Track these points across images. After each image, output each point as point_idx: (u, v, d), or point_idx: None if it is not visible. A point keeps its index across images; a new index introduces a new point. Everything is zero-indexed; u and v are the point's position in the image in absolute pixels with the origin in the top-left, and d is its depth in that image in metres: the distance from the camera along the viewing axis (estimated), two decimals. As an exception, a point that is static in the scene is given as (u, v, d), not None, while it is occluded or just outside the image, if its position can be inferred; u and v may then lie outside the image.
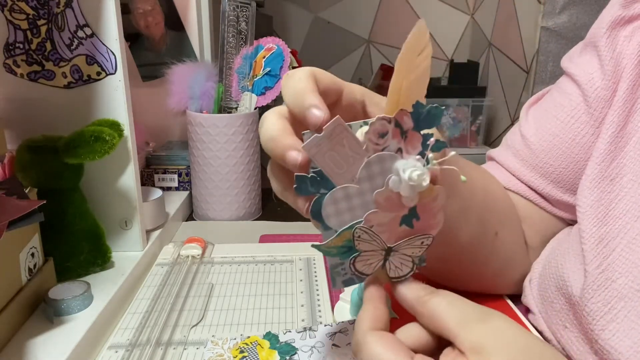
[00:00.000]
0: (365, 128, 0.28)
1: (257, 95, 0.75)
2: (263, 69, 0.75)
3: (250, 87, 0.76)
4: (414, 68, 0.30)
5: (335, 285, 0.33)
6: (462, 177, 0.31)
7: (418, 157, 0.29)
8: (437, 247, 0.47)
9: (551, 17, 1.15)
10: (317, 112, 0.29)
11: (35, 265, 0.46)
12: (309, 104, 0.29)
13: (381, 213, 0.29)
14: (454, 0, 1.59)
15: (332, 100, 0.33)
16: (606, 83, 0.45)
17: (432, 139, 0.28)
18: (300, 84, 0.30)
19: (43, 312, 0.45)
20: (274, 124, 0.31)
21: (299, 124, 0.31)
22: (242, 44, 0.77)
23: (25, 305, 0.44)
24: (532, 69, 1.21)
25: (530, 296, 0.50)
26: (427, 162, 0.28)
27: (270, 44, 0.77)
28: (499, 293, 0.52)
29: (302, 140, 0.29)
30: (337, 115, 0.28)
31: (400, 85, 0.30)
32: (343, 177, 0.28)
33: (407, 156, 0.28)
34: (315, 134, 0.28)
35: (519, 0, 1.30)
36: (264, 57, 0.76)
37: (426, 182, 0.28)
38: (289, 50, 0.76)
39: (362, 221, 0.29)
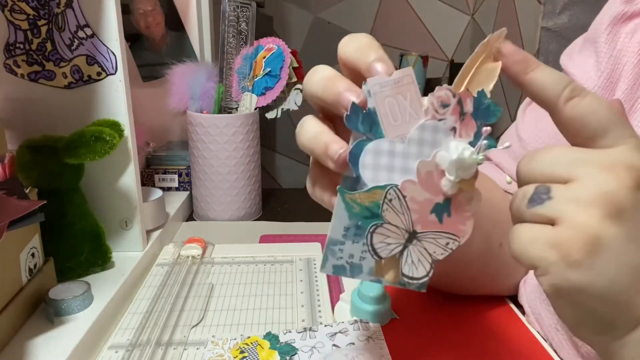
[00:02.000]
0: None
1: (257, 95, 0.75)
2: (263, 70, 0.75)
3: (250, 88, 0.76)
4: (490, 60, 0.30)
5: (324, 266, 0.29)
6: (508, 178, 0.30)
7: (468, 145, 0.27)
8: (443, 265, 0.47)
9: (551, 18, 1.15)
10: (384, 65, 0.27)
11: (35, 266, 0.46)
12: (374, 57, 0.27)
13: (417, 187, 0.27)
14: (454, 0, 1.59)
15: None
16: (604, 82, 0.44)
17: (486, 129, 0.27)
18: (366, 40, 0.29)
19: (43, 312, 0.45)
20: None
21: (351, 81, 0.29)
22: (242, 44, 0.77)
23: (25, 305, 0.44)
24: (532, 69, 1.21)
25: (524, 297, 0.50)
26: (477, 153, 0.27)
27: (271, 44, 0.77)
28: (501, 295, 0.52)
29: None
30: (409, 66, 0.27)
31: (473, 67, 0.29)
32: (395, 130, 0.27)
33: (460, 139, 0.28)
34: (382, 74, 0.27)
35: (519, 0, 1.30)
36: (264, 58, 0.76)
37: (473, 168, 0.27)
38: (289, 50, 0.76)
39: (398, 186, 0.27)
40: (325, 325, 0.46)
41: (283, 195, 0.89)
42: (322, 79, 0.28)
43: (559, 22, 1.14)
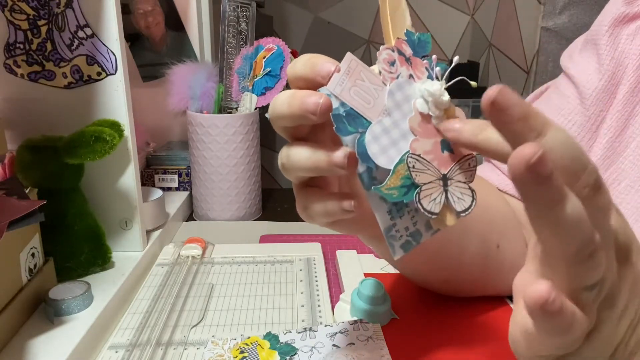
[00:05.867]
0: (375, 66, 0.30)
1: (257, 95, 0.75)
2: (263, 69, 0.76)
3: (250, 88, 0.76)
4: (392, 3, 0.32)
5: (395, 252, 0.31)
6: (473, 83, 0.31)
7: (428, 79, 0.30)
8: (441, 272, 0.47)
9: (551, 17, 1.14)
10: (332, 65, 0.28)
11: (35, 266, 0.46)
12: (322, 62, 0.28)
13: (421, 140, 0.29)
14: (454, 0, 1.59)
15: None
16: (604, 84, 0.43)
17: (434, 57, 0.30)
18: (308, 55, 0.30)
19: (43, 312, 0.45)
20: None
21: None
22: (242, 44, 0.77)
23: (25, 305, 0.44)
24: (532, 69, 1.21)
25: None
26: (438, 79, 0.30)
27: (271, 44, 0.77)
28: (501, 295, 0.52)
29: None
30: (348, 52, 0.29)
31: (387, 18, 0.31)
32: (373, 110, 0.29)
33: (419, 80, 0.30)
34: (335, 74, 0.28)
35: (519, 0, 1.30)
36: (264, 58, 0.76)
37: (446, 95, 0.29)
38: (289, 50, 0.76)
39: (409, 151, 0.29)
40: (325, 326, 0.46)
41: (283, 195, 0.89)
42: (283, 99, 0.30)
43: (559, 22, 1.14)
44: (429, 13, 1.58)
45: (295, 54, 0.78)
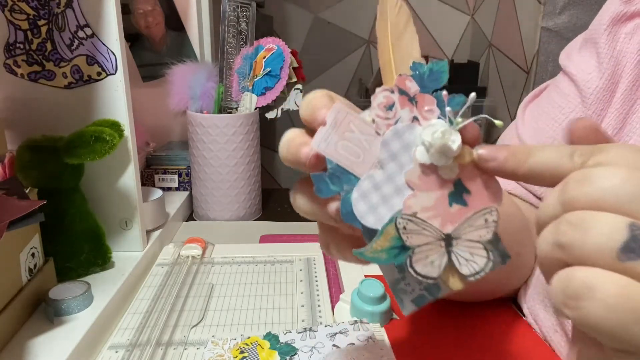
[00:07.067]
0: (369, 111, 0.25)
1: (257, 95, 0.75)
2: (263, 70, 0.76)
3: (250, 88, 0.76)
4: (396, 29, 0.28)
5: (404, 307, 0.27)
6: (498, 122, 0.26)
7: (438, 120, 0.25)
8: None
9: (551, 17, 1.14)
10: (323, 110, 0.26)
11: (35, 266, 0.46)
12: (319, 106, 0.26)
13: (420, 195, 0.25)
14: (454, 0, 1.59)
15: None
16: (604, 83, 0.43)
17: (444, 92, 0.25)
18: (312, 95, 0.28)
19: (43, 312, 0.45)
20: (290, 132, 0.29)
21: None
22: (242, 44, 0.77)
23: (25, 305, 0.44)
24: (532, 69, 1.21)
25: (523, 298, 0.50)
26: (451, 121, 0.24)
27: (271, 44, 0.77)
28: (508, 296, 0.52)
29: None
30: (336, 102, 0.26)
31: (388, 51, 0.28)
32: (363, 165, 0.25)
33: (426, 122, 0.25)
34: (321, 127, 0.25)
35: (519, 0, 1.30)
36: (264, 58, 0.76)
37: (456, 142, 0.24)
38: (289, 50, 0.76)
39: (400, 211, 0.25)
40: (325, 326, 0.46)
41: (283, 195, 0.89)
42: (286, 141, 0.28)
43: (559, 22, 1.14)
44: (429, 13, 1.58)
45: (295, 54, 0.78)
